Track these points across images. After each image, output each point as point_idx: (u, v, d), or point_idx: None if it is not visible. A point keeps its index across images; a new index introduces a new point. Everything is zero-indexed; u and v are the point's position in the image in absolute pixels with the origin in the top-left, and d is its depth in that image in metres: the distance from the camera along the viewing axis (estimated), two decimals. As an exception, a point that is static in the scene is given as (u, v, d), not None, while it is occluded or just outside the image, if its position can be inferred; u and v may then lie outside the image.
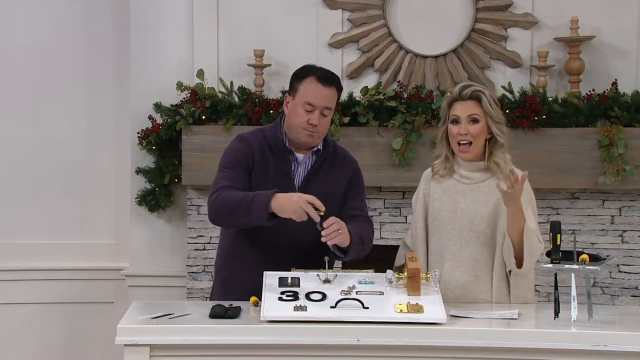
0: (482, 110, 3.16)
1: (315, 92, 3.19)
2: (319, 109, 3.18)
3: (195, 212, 4.95)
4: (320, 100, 3.19)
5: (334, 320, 2.78)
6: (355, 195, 3.29)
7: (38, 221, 5.20)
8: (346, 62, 4.96)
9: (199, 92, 4.85)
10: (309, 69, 3.27)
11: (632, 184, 4.74)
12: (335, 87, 3.23)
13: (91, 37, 5.20)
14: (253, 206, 3.03)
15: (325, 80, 3.21)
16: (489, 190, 3.19)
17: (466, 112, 3.17)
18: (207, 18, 4.96)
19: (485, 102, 3.16)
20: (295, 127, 3.21)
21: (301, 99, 3.20)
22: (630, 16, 4.89)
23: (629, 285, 4.88)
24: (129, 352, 2.73)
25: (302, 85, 3.22)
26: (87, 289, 5.20)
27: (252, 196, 3.06)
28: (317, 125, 3.18)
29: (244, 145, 3.25)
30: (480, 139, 3.18)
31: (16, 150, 5.18)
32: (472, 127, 3.17)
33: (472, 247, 3.18)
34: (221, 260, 3.39)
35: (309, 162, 3.27)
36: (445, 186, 3.26)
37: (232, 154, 3.26)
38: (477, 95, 3.17)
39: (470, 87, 3.21)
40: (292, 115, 3.22)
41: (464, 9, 4.95)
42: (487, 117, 3.17)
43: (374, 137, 4.78)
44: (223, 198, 3.12)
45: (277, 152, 3.25)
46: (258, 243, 3.23)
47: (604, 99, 4.73)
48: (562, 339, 2.76)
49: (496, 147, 3.20)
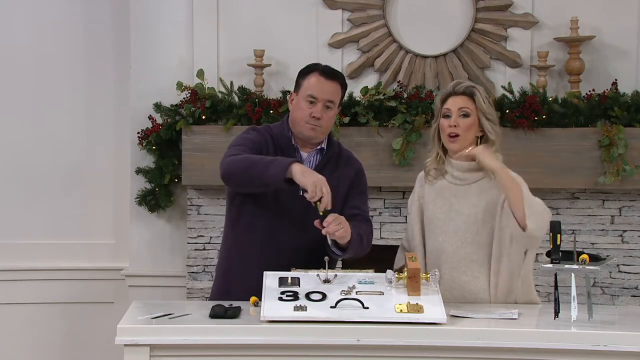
0: (474, 105, 3.17)
1: (318, 84, 3.21)
2: (322, 101, 3.19)
3: (195, 212, 4.95)
4: (322, 92, 3.20)
5: (334, 320, 2.78)
6: (356, 195, 3.29)
7: (38, 221, 5.21)
8: (346, 62, 4.96)
9: (199, 92, 4.85)
10: (313, 65, 3.30)
11: (632, 184, 4.74)
12: (338, 82, 3.25)
13: (91, 37, 5.21)
14: (273, 164, 3.02)
15: (328, 74, 3.24)
16: (481, 190, 3.19)
17: (457, 106, 3.18)
18: (207, 18, 4.96)
19: (478, 97, 3.17)
20: (299, 121, 3.22)
21: (304, 92, 3.22)
22: (630, 16, 4.89)
23: (629, 285, 4.88)
24: (129, 352, 2.73)
25: (305, 80, 3.24)
26: (87, 289, 5.20)
27: (274, 157, 3.08)
28: (320, 118, 3.19)
29: (257, 135, 3.27)
30: (469, 132, 3.18)
31: (16, 150, 5.18)
32: (462, 120, 3.17)
33: (468, 247, 3.18)
34: (223, 259, 3.40)
35: (313, 160, 3.27)
36: (439, 188, 3.26)
37: (248, 138, 3.26)
38: (470, 91, 3.19)
39: (464, 83, 3.23)
40: (296, 110, 3.24)
41: (464, 9, 4.95)
42: (478, 113, 3.17)
43: (374, 137, 4.78)
44: (243, 157, 3.10)
45: (284, 149, 3.25)
46: (260, 242, 3.22)
47: (604, 99, 4.73)
48: (562, 339, 2.76)
49: (487, 146, 3.20)
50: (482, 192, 3.19)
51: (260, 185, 3.08)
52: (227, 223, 3.38)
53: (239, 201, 3.27)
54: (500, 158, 3.20)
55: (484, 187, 3.18)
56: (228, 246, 3.36)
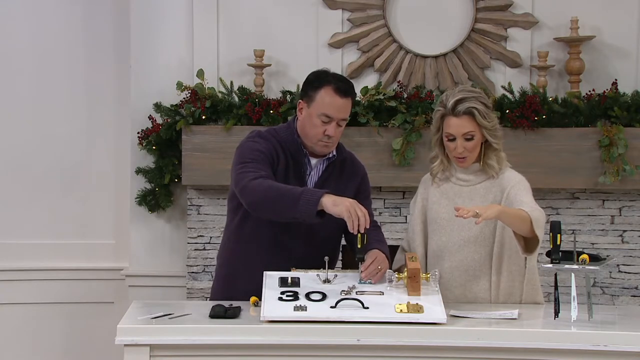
0: (476, 124, 3.16)
1: (333, 103, 3.13)
2: (336, 120, 3.14)
3: (195, 212, 4.95)
4: (338, 112, 3.14)
5: (334, 320, 2.78)
6: (363, 199, 3.24)
7: (38, 221, 5.21)
8: (346, 62, 4.96)
9: (199, 92, 4.85)
10: (325, 77, 3.19)
11: (632, 184, 4.75)
12: (351, 97, 3.18)
13: (91, 37, 5.20)
14: (302, 198, 2.93)
15: (342, 91, 3.15)
16: (486, 191, 3.21)
17: (461, 131, 3.15)
18: (207, 18, 4.96)
19: (478, 117, 3.14)
20: (311, 138, 3.17)
21: (318, 109, 3.14)
22: (630, 16, 4.89)
23: (629, 285, 4.88)
24: (129, 352, 2.73)
25: (318, 95, 3.15)
26: (87, 289, 5.20)
27: (302, 189, 2.99)
28: (334, 135, 3.16)
29: (266, 143, 3.19)
30: (476, 150, 3.20)
31: (16, 150, 5.18)
32: (468, 144, 3.17)
33: (471, 247, 3.19)
34: (223, 259, 3.38)
35: (321, 167, 3.25)
36: (444, 189, 3.27)
37: (258, 149, 3.17)
38: (469, 112, 3.15)
39: (463, 102, 3.15)
40: (308, 125, 3.17)
41: (464, 9, 4.95)
42: (481, 130, 3.17)
43: (374, 137, 4.78)
44: (269, 186, 3.01)
45: (294, 155, 3.21)
46: (266, 251, 3.20)
47: (604, 99, 4.73)
48: (562, 339, 2.76)
49: (490, 150, 3.22)
50: (487, 192, 3.21)
51: (290, 219, 3.01)
52: (231, 230, 3.34)
53: (245, 210, 3.18)
54: (504, 156, 3.23)
55: (488, 188, 3.20)
56: (231, 254, 3.32)
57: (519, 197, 3.14)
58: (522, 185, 3.20)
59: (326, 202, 2.92)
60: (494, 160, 3.21)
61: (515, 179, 3.20)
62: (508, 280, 3.19)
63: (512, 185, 3.18)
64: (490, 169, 3.21)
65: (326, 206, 2.92)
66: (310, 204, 2.92)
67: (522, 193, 3.16)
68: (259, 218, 3.14)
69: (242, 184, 3.07)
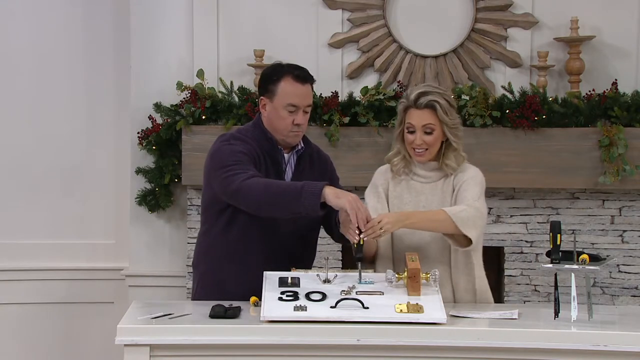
0: (437, 119, 3.17)
1: (296, 92, 3.18)
2: (302, 107, 3.19)
3: (195, 212, 4.95)
4: (302, 99, 3.19)
5: (334, 320, 2.78)
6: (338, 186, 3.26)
7: (38, 221, 5.21)
8: (346, 62, 4.97)
9: (199, 92, 4.85)
10: (281, 69, 3.23)
11: (632, 184, 4.75)
12: (310, 83, 3.23)
13: (91, 37, 5.20)
14: (305, 192, 2.94)
15: (302, 79, 3.20)
16: (445, 188, 3.23)
17: (421, 122, 3.17)
18: (207, 18, 4.96)
19: (440, 111, 3.16)
20: (282, 131, 3.20)
21: (282, 101, 3.18)
22: (630, 16, 4.89)
23: (629, 285, 4.88)
24: (129, 352, 2.73)
25: (279, 87, 3.19)
26: (87, 289, 5.20)
27: (302, 183, 2.99)
28: (302, 124, 3.19)
29: (244, 144, 3.19)
30: (435, 145, 3.21)
31: (16, 150, 5.18)
32: (427, 137, 3.18)
33: (439, 242, 3.20)
34: (208, 266, 3.30)
35: (292, 160, 3.28)
36: (405, 184, 3.29)
37: (239, 150, 3.16)
38: (431, 105, 3.16)
39: (426, 95, 3.17)
40: (276, 119, 3.20)
41: (464, 9, 4.95)
42: (442, 125, 3.18)
43: (374, 137, 4.78)
44: (267, 184, 3.02)
45: (271, 153, 3.23)
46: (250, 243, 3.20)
47: (604, 99, 4.73)
48: (562, 339, 2.76)
49: (449, 150, 3.23)
50: (446, 189, 3.23)
51: (292, 214, 3.02)
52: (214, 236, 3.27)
53: (232, 211, 3.18)
54: (465, 157, 3.25)
55: (447, 185, 3.23)
56: (219, 259, 3.26)
57: (463, 194, 3.17)
58: (474, 180, 3.22)
59: (328, 194, 2.95)
60: (452, 160, 3.22)
61: (469, 174, 3.22)
62: (466, 275, 3.21)
63: (463, 181, 3.20)
64: (448, 168, 3.23)
65: (328, 198, 2.94)
66: (314, 197, 2.94)
67: (469, 188, 3.18)
68: (246, 220, 3.14)
69: (234, 186, 3.06)
